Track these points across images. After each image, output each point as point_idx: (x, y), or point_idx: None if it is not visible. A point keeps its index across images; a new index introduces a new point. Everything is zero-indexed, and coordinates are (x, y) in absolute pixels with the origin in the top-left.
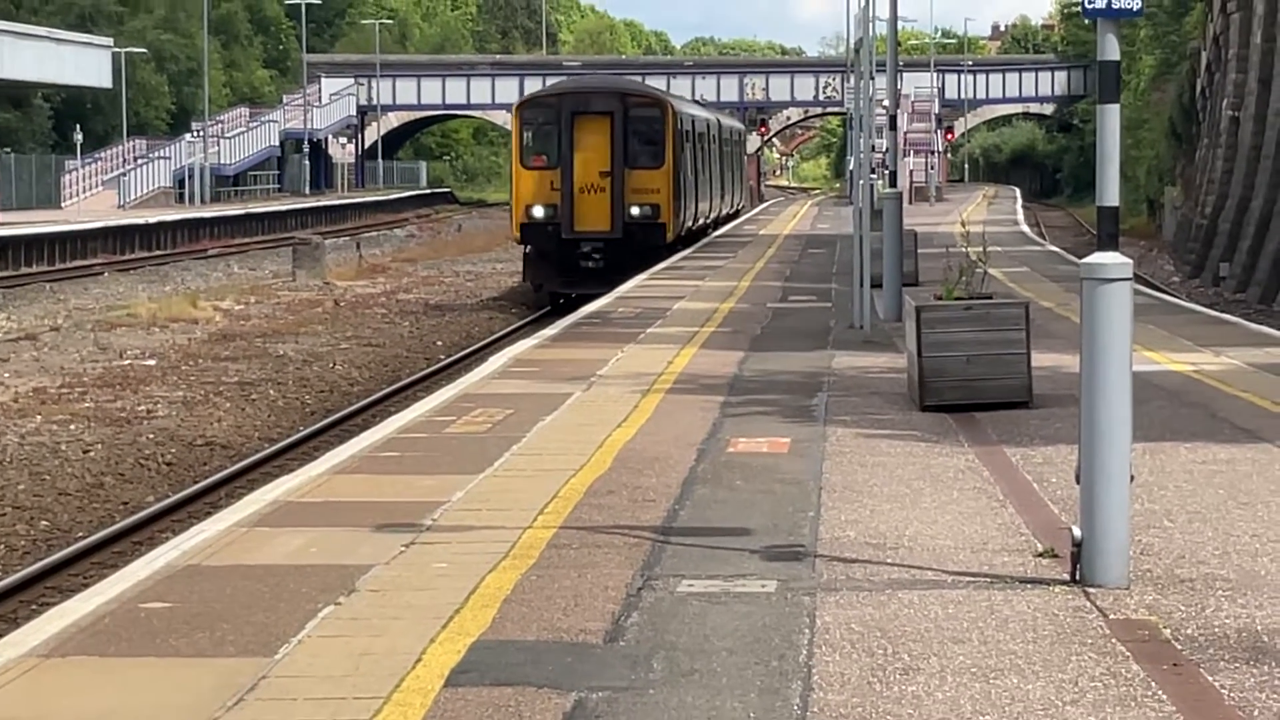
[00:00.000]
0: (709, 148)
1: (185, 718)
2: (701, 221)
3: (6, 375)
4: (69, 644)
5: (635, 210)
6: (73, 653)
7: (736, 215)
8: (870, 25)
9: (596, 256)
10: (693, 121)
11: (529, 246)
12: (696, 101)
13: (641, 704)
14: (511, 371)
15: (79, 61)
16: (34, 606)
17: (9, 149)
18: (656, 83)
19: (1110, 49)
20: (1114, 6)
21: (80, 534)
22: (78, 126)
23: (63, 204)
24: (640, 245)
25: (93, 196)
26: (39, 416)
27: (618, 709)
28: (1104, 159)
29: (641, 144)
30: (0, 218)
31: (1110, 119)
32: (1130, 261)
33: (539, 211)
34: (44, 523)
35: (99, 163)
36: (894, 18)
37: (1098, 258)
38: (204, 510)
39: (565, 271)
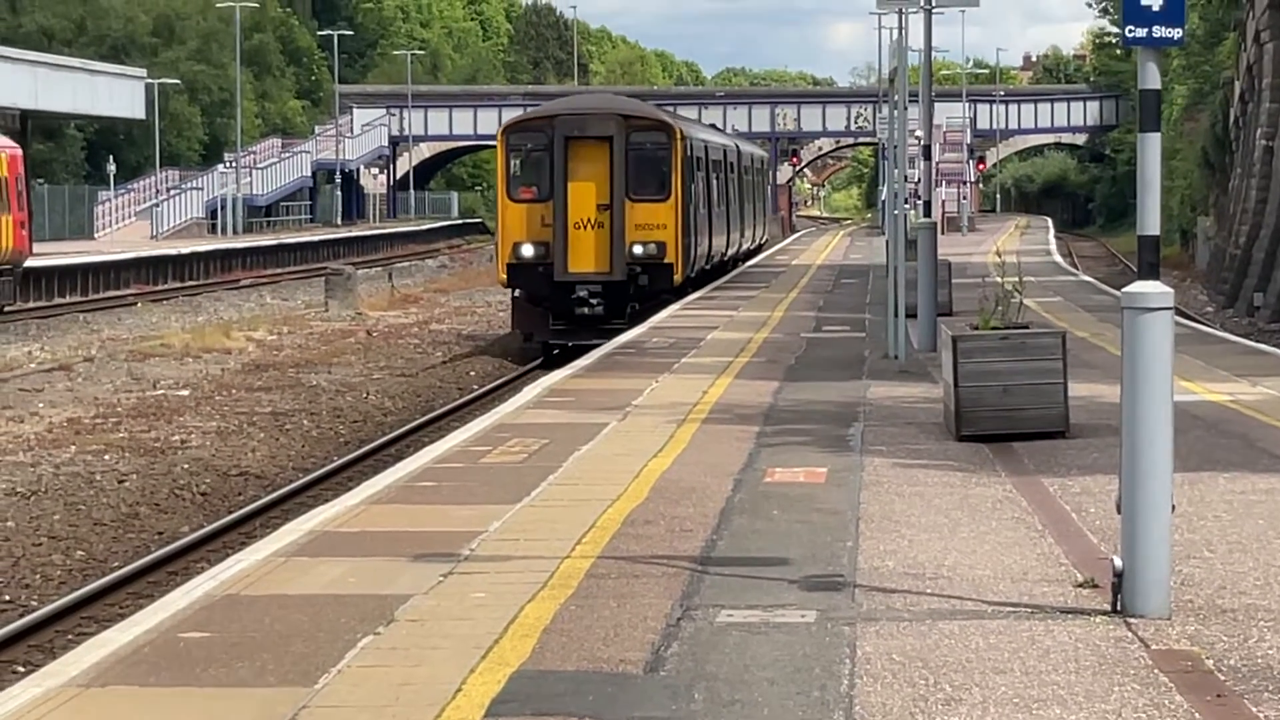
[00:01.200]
0: (725, 176)
1: None
2: (717, 259)
3: (41, 405)
4: (109, 674)
5: (638, 249)
6: (113, 682)
7: (759, 250)
8: (904, 55)
9: (594, 302)
10: (705, 147)
11: (517, 290)
12: (712, 126)
13: None
14: (546, 401)
15: (112, 92)
16: (70, 637)
17: (43, 180)
18: (688, 113)
19: (1151, 78)
20: (1155, 36)
21: (116, 564)
22: (111, 157)
23: (96, 234)
24: (644, 289)
25: (126, 227)
26: (73, 447)
27: None
28: (1145, 187)
29: (645, 173)
30: (35, 248)
31: (1151, 147)
32: (1172, 291)
33: (528, 250)
34: (79, 552)
35: (132, 193)
36: (928, 48)
37: (1139, 287)
38: (239, 540)
39: (559, 318)
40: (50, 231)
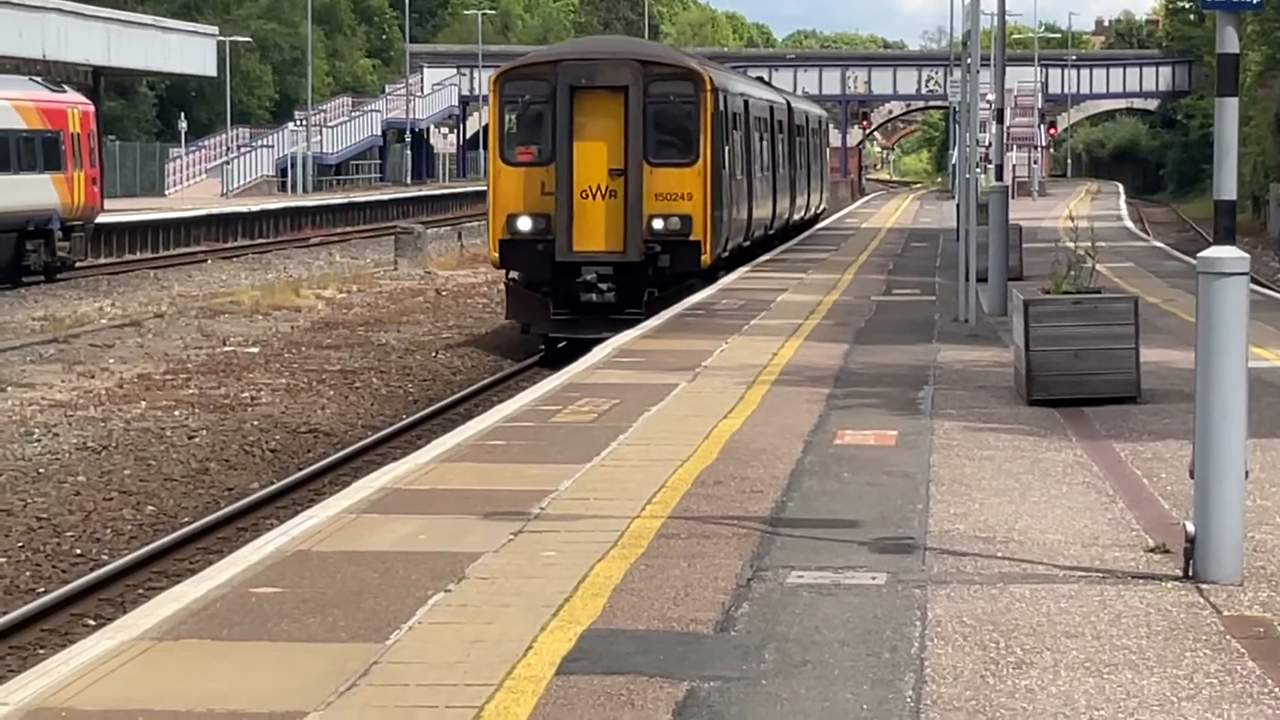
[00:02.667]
0: (773, 137)
1: (298, 701)
2: (759, 234)
3: (112, 361)
4: (181, 627)
5: (658, 223)
6: (185, 636)
7: (815, 220)
8: (977, 19)
9: (603, 287)
10: (745, 102)
11: (511, 271)
12: (759, 79)
13: (754, 694)
14: (616, 362)
15: (184, 50)
16: (140, 591)
17: (114, 136)
18: (758, 75)
19: (1229, 42)
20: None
21: (186, 519)
22: (182, 115)
23: (166, 192)
24: (664, 271)
25: (196, 184)
26: (144, 403)
27: (730, 699)
28: (1222, 152)
29: (668, 131)
30: (106, 205)
31: (1229, 112)
32: (1248, 256)
33: (525, 224)
34: (150, 507)
35: (202, 151)
36: (1002, 11)
37: (1215, 251)
38: (309, 497)
39: (562, 306)
40: (121, 188)
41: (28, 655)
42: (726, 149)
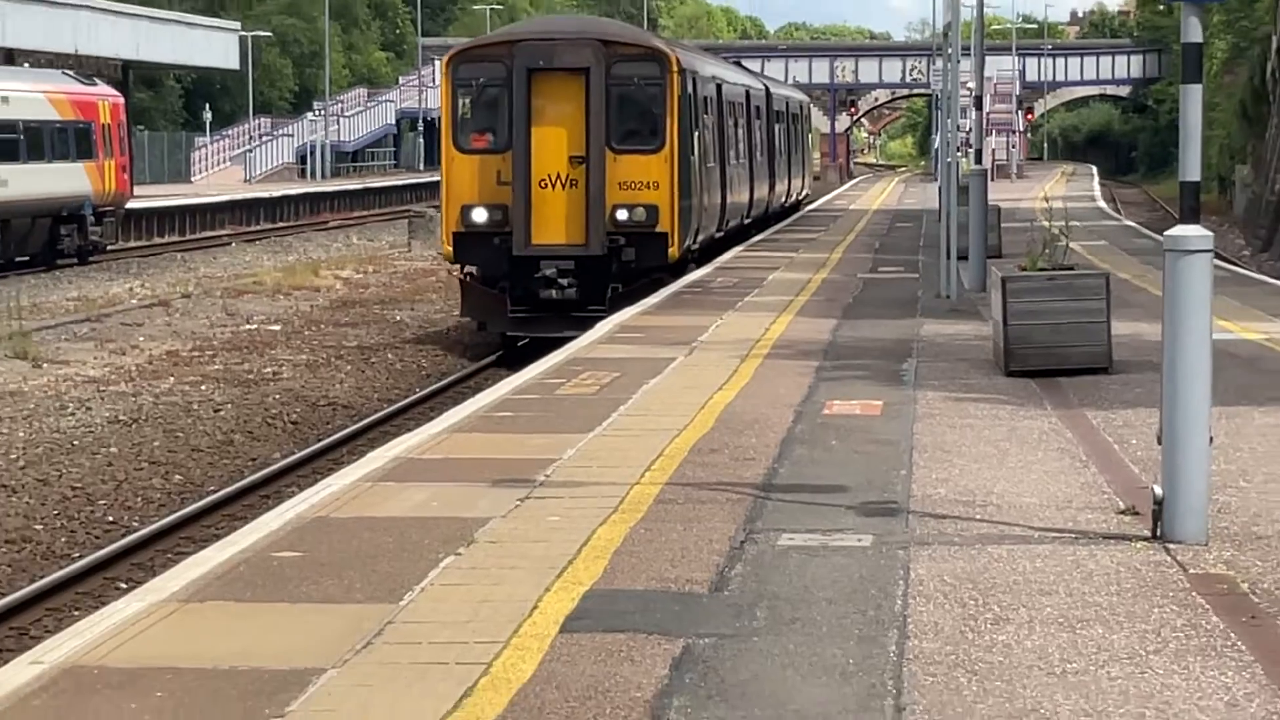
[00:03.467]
0: (750, 122)
1: (317, 659)
2: (733, 224)
3: (141, 339)
4: (206, 590)
5: (622, 214)
6: (211, 598)
7: (798, 207)
8: (957, 10)
9: (564, 283)
10: (718, 86)
11: (466, 267)
12: (738, 64)
13: (746, 650)
14: (617, 337)
15: (208, 44)
16: (169, 555)
17: (143, 127)
18: (751, 65)
19: (1193, 32)
20: None
21: (212, 488)
22: (207, 106)
23: (192, 178)
24: (629, 265)
25: (220, 171)
26: (172, 378)
27: (724, 655)
28: (1187, 137)
29: (632, 115)
30: (135, 191)
31: (1193, 98)
32: (1211, 234)
33: (480, 216)
34: (178, 477)
35: (226, 140)
36: (981, 4)
37: (1180, 230)
38: (327, 466)
39: (520, 303)
40: (150, 175)
41: (63, 617)
42: (696, 135)
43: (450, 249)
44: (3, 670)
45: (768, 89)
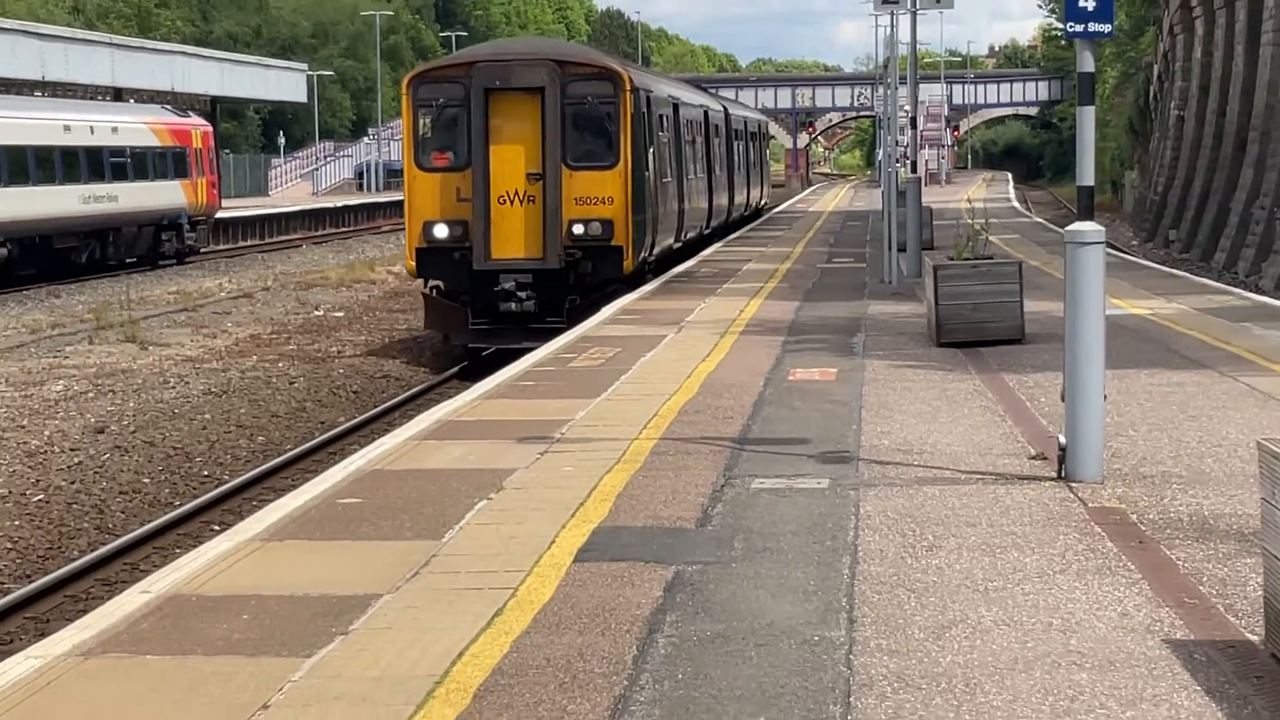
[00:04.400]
0: (706, 139)
1: (374, 585)
2: (692, 235)
3: (229, 325)
4: (283, 530)
5: (579, 228)
6: (287, 537)
7: (759, 214)
8: (895, 47)
9: (522, 295)
10: (675, 105)
11: (429, 281)
12: (699, 87)
13: (726, 574)
14: (619, 319)
15: (281, 82)
16: (253, 502)
17: (228, 150)
18: (726, 93)
19: (1086, 63)
20: (1089, 30)
21: (288, 446)
22: (280, 132)
23: (270, 193)
24: (586, 278)
25: (292, 187)
26: (255, 356)
27: (707, 578)
28: (1082, 149)
29: (587, 133)
30: (222, 203)
31: (1087, 118)
32: (1103, 229)
33: (441, 231)
34: (260, 438)
35: (297, 160)
36: (914, 41)
37: (1078, 226)
38: (382, 428)
39: (480, 316)
40: (234, 190)
41: (167, 554)
42: (651, 150)
43: (413, 264)
44: (117, 598)
45: (726, 109)
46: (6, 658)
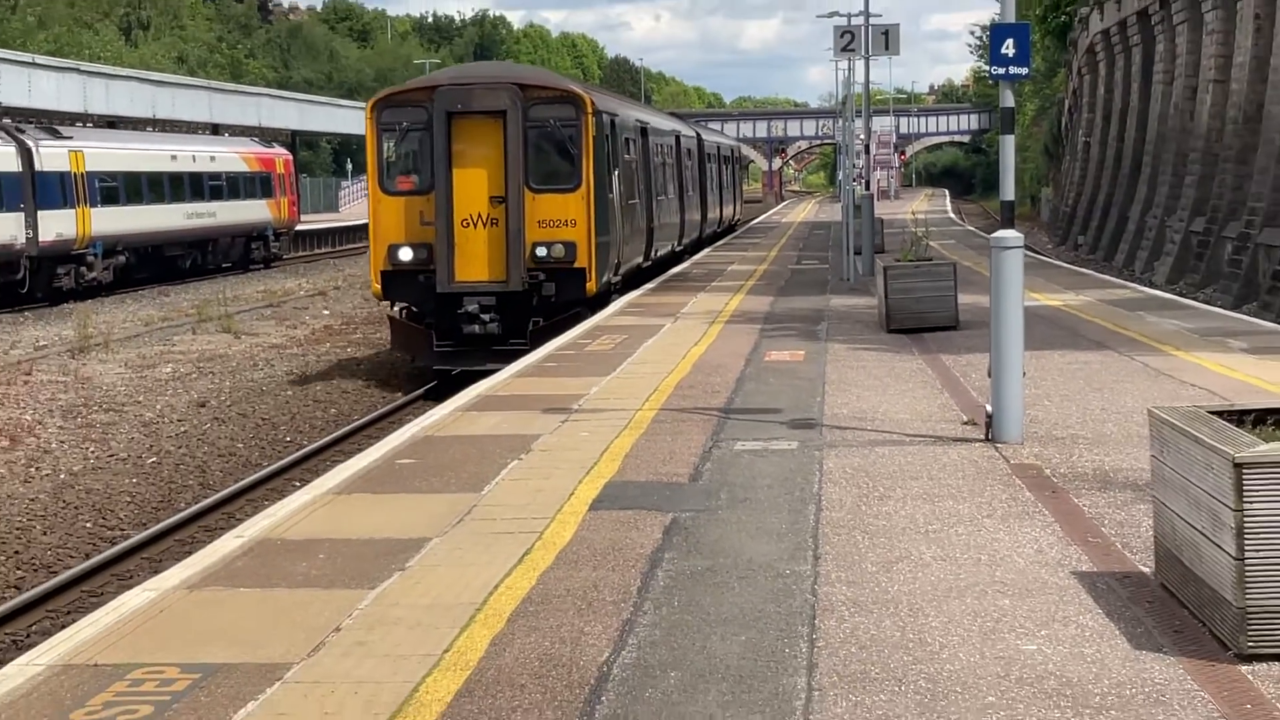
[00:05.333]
0: (678, 162)
1: (426, 531)
2: (663, 252)
3: (307, 318)
4: (352, 485)
5: (541, 251)
6: (355, 491)
7: (732, 229)
8: (851, 87)
9: (486, 318)
10: (643, 130)
11: (395, 304)
12: (673, 114)
13: (713, 520)
14: (626, 310)
15: (348, 118)
16: (328, 463)
17: (305, 175)
18: (713, 126)
19: (1008, 99)
20: (1010, 73)
21: (355, 417)
22: (348, 160)
23: (339, 209)
24: (549, 300)
25: (358, 204)
26: (327, 344)
27: (698, 523)
28: (1004, 170)
29: (550, 156)
30: (301, 218)
31: (1008, 144)
32: (1023, 236)
33: (406, 254)
34: (333, 410)
35: (361, 183)
36: (867, 81)
37: (1001, 233)
38: (433, 402)
39: (445, 338)
40: (310, 208)
41: (257, 505)
42: (617, 173)
43: (379, 287)
44: (216, 542)
45: (699, 135)
46: (126, 590)
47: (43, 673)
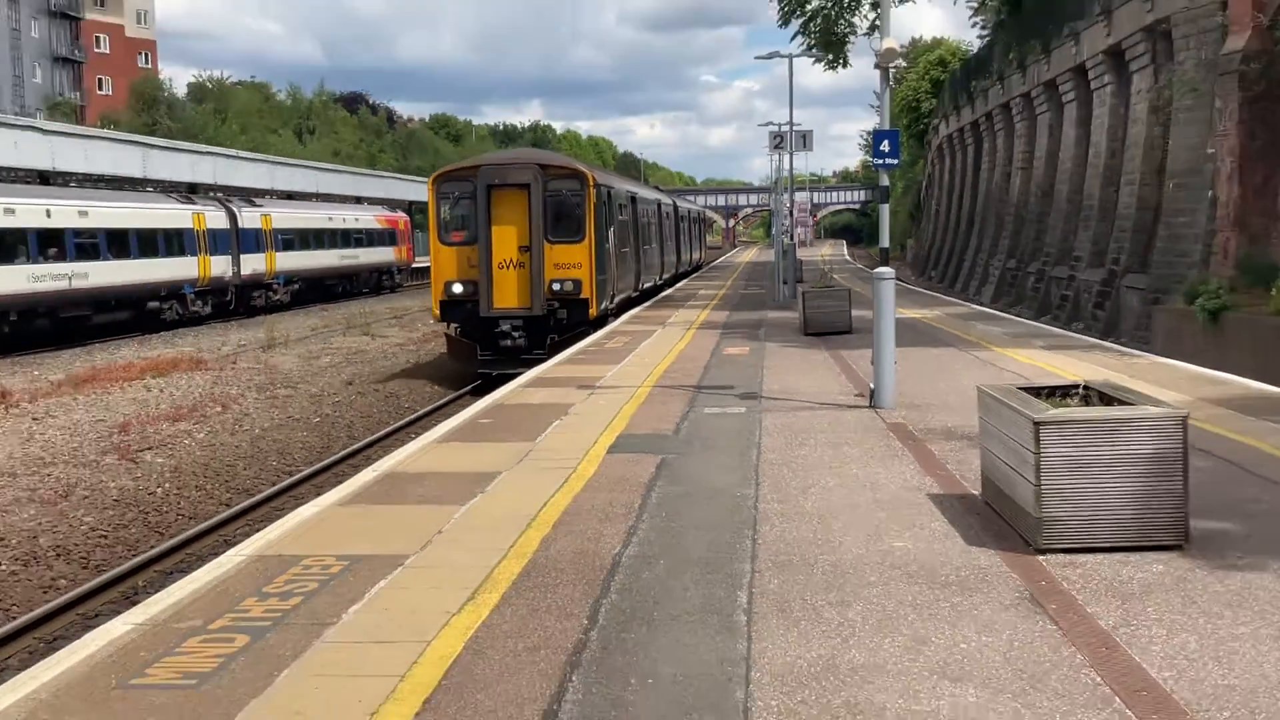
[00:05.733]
0: (659, 222)
1: (499, 467)
2: (649, 285)
3: (420, 326)
4: (450, 436)
5: (556, 286)
6: (450, 440)
7: (698, 268)
8: (781, 172)
9: (516, 335)
10: (632, 197)
11: (449, 324)
12: (655, 186)
13: (689, 459)
14: (630, 322)
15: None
16: (434, 421)
17: (419, 230)
18: (690, 198)
19: (884, 180)
20: (885, 162)
21: (451, 391)
22: None
23: None
24: (562, 321)
25: None
26: (433, 343)
27: (679, 463)
28: (882, 227)
29: (562, 217)
30: (415, 259)
31: (884, 211)
32: (894, 271)
33: (458, 288)
34: (438, 387)
35: None
36: (791, 168)
37: (880, 269)
38: (502, 382)
39: (485, 349)
40: (420, 252)
41: (387, 449)
42: (612, 229)
43: (438, 312)
44: (360, 474)
45: (675, 203)
46: (300, 506)
47: (246, 561)
